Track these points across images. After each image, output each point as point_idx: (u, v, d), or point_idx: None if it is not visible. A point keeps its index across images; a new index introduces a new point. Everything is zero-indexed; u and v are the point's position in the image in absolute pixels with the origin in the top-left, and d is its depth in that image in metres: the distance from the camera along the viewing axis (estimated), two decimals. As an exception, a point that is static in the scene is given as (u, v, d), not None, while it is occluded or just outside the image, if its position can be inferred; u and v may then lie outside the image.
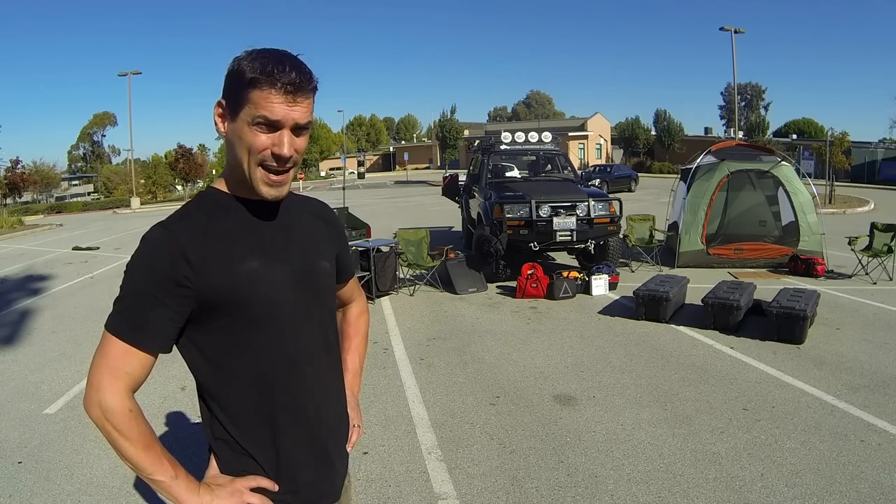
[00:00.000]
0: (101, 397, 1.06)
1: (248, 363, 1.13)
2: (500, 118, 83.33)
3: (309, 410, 1.19)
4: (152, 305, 1.07)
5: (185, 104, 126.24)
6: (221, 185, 1.20)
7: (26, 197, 40.12)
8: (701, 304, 5.96)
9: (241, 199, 1.17)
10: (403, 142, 78.26)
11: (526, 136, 10.05)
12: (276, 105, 1.06)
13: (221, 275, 1.09)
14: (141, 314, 1.07)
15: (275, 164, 1.10)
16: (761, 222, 8.99)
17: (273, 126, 1.08)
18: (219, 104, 1.13)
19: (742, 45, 54.38)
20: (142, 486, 3.19)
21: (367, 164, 62.60)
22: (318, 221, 1.32)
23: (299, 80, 1.07)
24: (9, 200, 35.77)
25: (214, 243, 1.11)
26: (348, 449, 1.35)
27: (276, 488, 1.14)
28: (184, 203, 1.21)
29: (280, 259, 1.17)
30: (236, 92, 1.09)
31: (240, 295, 1.11)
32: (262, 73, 1.06)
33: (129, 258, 1.12)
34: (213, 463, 1.17)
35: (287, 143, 1.09)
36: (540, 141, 10.07)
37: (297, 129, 1.11)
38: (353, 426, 1.40)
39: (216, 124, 1.15)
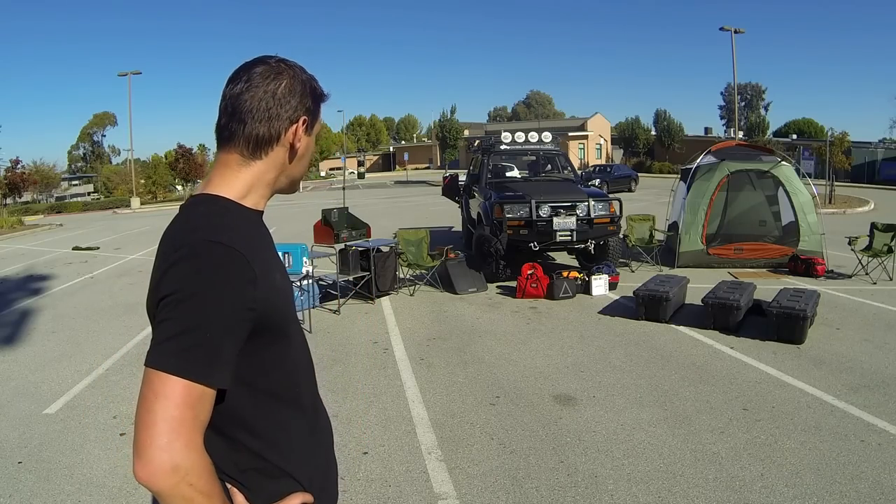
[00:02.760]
0: (178, 459, 0.87)
1: (280, 378, 1.10)
2: (500, 118, 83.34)
3: (322, 410, 1.23)
4: (226, 336, 0.95)
5: (185, 104, 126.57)
6: (228, 193, 1.09)
7: (26, 197, 40.10)
8: (701, 304, 5.96)
9: (252, 210, 1.13)
10: (403, 142, 78.26)
11: (526, 136, 10.05)
12: None
13: (270, 290, 1.04)
14: (215, 349, 0.93)
15: None
16: (761, 222, 8.99)
17: None
18: (303, 121, 1.13)
19: (742, 45, 54.42)
20: (142, 486, 3.19)
21: (367, 164, 62.61)
22: None
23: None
24: (9, 200, 35.76)
25: (261, 255, 1.05)
26: None
27: (312, 499, 1.11)
28: (208, 211, 1.07)
29: (282, 269, 1.18)
30: (316, 109, 1.16)
31: (280, 308, 1.08)
32: (323, 90, 1.18)
33: (187, 283, 0.94)
34: (241, 499, 1.06)
35: None
36: (540, 141, 10.07)
37: None
38: None
39: (294, 143, 1.12)
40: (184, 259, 0.95)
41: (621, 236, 8.76)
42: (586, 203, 7.98)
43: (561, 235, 7.87)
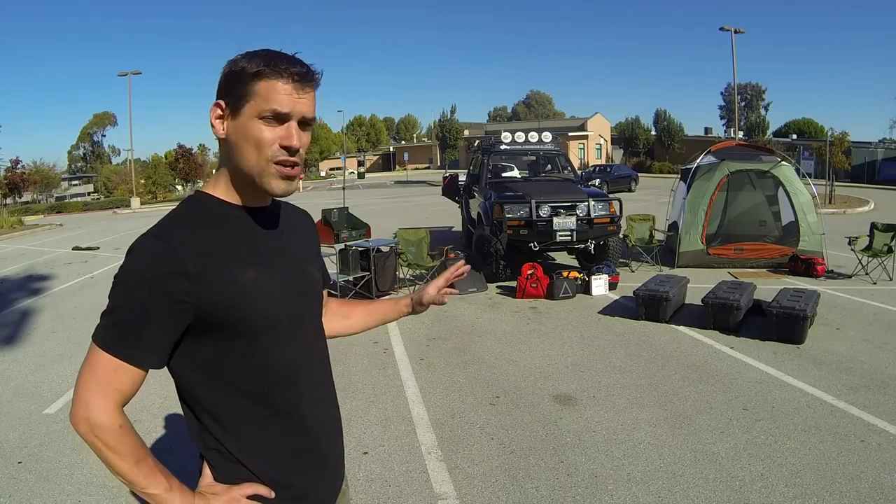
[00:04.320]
0: (89, 414, 1.02)
1: (243, 374, 1.11)
2: (500, 118, 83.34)
3: (305, 418, 1.18)
4: (146, 321, 1.03)
5: (185, 104, 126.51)
6: (212, 190, 1.15)
7: (26, 197, 40.08)
8: (701, 304, 5.96)
9: (234, 206, 1.14)
10: (403, 142, 78.26)
11: (526, 136, 10.04)
12: (284, 96, 1.05)
13: (219, 288, 1.06)
14: (133, 330, 1.03)
15: (286, 156, 1.08)
16: (761, 222, 8.99)
17: (281, 119, 1.06)
18: (217, 105, 1.09)
19: (742, 45, 54.46)
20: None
21: (367, 164, 62.60)
22: (303, 227, 1.31)
23: (305, 71, 1.07)
24: (9, 200, 35.75)
25: (211, 254, 1.07)
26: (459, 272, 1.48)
27: (273, 495, 1.12)
28: (174, 208, 1.14)
29: (275, 268, 1.15)
30: (238, 88, 1.06)
31: (238, 308, 1.08)
32: (267, 65, 1.04)
33: (122, 270, 1.05)
34: (207, 471, 1.13)
35: (296, 135, 1.07)
36: (540, 141, 10.06)
37: (303, 124, 1.09)
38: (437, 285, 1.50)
39: (213, 127, 1.10)
40: (130, 250, 1.06)
41: (621, 236, 8.75)
42: (586, 203, 7.98)
43: (561, 235, 7.87)
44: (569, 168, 10.24)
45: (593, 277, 7.50)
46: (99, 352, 1.04)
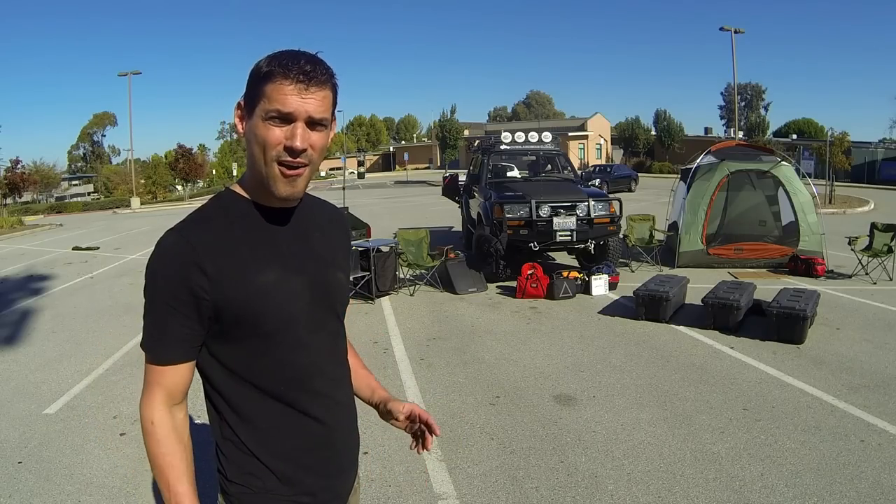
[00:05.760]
0: (143, 408, 1.12)
1: (260, 373, 1.13)
2: (500, 118, 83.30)
3: (319, 417, 1.19)
4: (171, 316, 1.07)
5: (185, 104, 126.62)
6: (239, 189, 1.17)
7: (26, 197, 40.07)
8: (701, 304, 5.96)
9: (259, 205, 1.15)
10: (403, 142, 78.23)
11: (526, 136, 10.04)
12: (288, 97, 1.04)
13: (237, 287, 1.08)
14: (160, 327, 1.09)
15: (288, 157, 1.07)
16: (761, 222, 8.99)
17: (286, 119, 1.05)
18: (238, 105, 1.12)
19: (742, 45, 54.50)
20: (142, 486, 3.20)
21: (367, 164, 62.52)
22: (334, 228, 1.31)
23: (311, 70, 1.05)
24: (9, 200, 35.75)
25: (231, 253, 1.09)
26: (428, 448, 1.50)
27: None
28: (201, 205, 1.17)
29: (297, 270, 1.15)
30: (252, 89, 1.08)
31: (255, 308, 1.09)
32: (276, 65, 1.05)
33: (146, 268, 1.11)
34: (221, 500, 1.17)
35: (300, 136, 1.05)
36: (540, 141, 10.07)
37: (312, 124, 1.07)
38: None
39: (236, 126, 1.13)
40: (155, 245, 1.10)
41: (621, 236, 8.76)
42: (586, 203, 7.98)
43: (561, 235, 7.87)
44: (569, 168, 10.24)
45: (593, 277, 7.50)
46: (144, 352, 1.13)
